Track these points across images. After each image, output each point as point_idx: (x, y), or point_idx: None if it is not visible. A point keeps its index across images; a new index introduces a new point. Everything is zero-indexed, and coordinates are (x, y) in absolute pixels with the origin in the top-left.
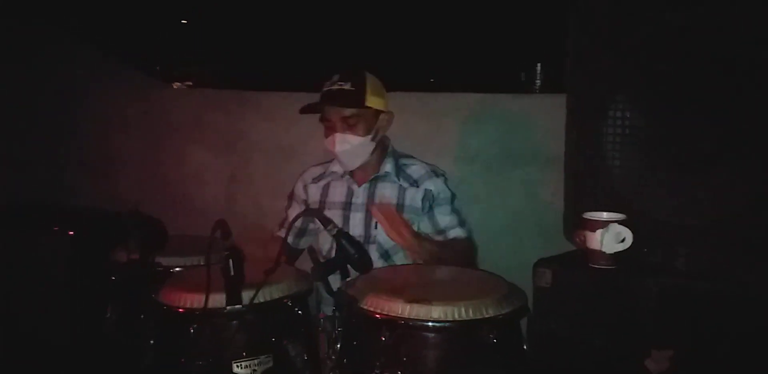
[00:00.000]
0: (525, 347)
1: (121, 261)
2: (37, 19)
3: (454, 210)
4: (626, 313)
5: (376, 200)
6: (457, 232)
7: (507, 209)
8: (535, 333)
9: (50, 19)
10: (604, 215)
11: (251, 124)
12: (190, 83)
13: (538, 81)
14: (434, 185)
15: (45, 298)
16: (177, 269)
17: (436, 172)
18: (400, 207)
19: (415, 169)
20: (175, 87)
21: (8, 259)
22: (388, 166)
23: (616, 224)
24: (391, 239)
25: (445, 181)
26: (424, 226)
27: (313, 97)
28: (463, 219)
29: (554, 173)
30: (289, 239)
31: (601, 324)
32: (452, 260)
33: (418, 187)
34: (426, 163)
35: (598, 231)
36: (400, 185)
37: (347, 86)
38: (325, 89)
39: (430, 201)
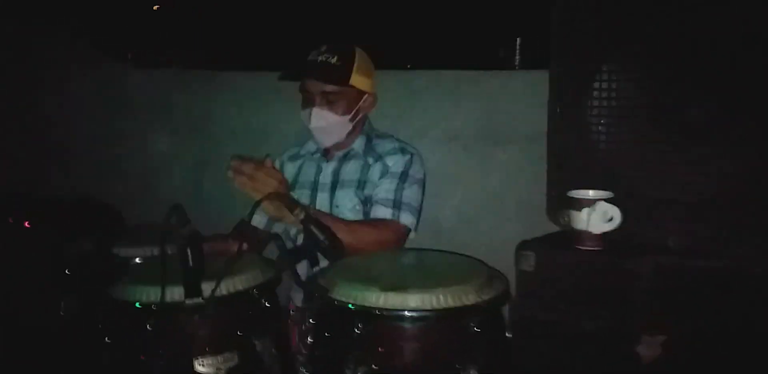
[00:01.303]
0: (508, 335)
1: (75, 253)
2: None
3: (397, 189)
4: (616, 296)
5: (340, 178)
6: (381, 212)
7: (487, 190)
8: (519, 319)
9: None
10: (590, 193)
11: (221, 106)
12: (155, 63)
13: (517, 56)
14: (393, 160)
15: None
16: (137, 260)
17: (404, 150)
18: (361, 183)
19: (384, 145)
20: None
21: None
22: (357, 143)
23: (603, 202)
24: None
25: (411, 160)
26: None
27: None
28: (403, 202)
29: (535, 152)
30: (260, 222)
31: (589, 308)
32: (359, 244)
33: (381, 161)
34: (400, 142)
35: (584, 211)
36: (366, 161)
37: (333, 60)
38: (310, 59)
39: (382, 175)
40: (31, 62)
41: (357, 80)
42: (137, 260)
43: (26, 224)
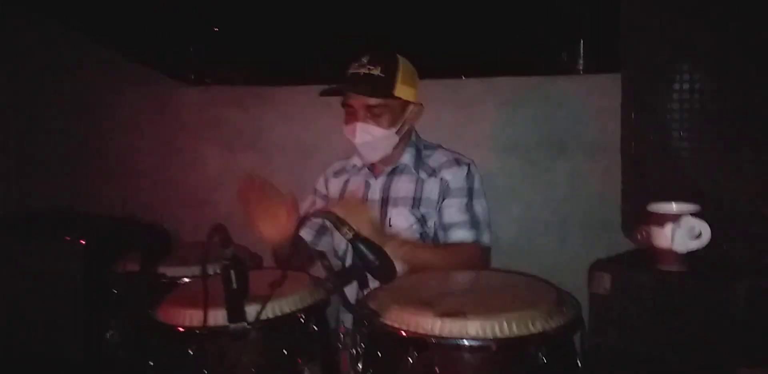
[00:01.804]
0: (580, 366)
1: (121, 273)
2: (46, 18)
3: (468, 208)
4: (705, 324)
5: (391, 194)
6: (460, 235)
7: (550, 204)
8: (592, 349)
9: (59, 18)
10: (674, 207)
11: (269, 121)
12: (205, 80)
13: (580, 60)
14: (451, 174)
15: (55, 311)
16: (185, 280)
17: (459, 161)
18: (416, 200)
19: (436, 158)
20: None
21: (19, 269)
22: (406, 157)
23: (689, 217)
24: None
25: (469, 171)
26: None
27: None
28: (479, 221)
29: (602, 162)
30: (307, 238)
31: (673, 338)
32: (438, 266)
33: (435, 176)
34: (451, 152)
35: (668, 226)
36: (419, 177)
37: (376, 71)
38: (352, 72)
39: (444, 193)
40: (86, 81)
41: (402, 91)
42: (185, 280)
43: (82, 241)
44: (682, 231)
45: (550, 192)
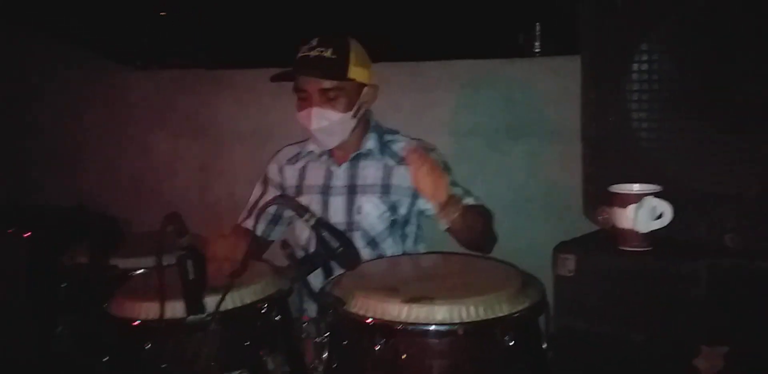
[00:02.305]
0: (545, 348)
1: (69, 265)
2: None
3: (453, 183)
4: (668, 303)
5: (358, 181)
6: (468, 201)
7: (510, 187)
8: (558, 331)
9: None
10: (636, 187)
11: (222, 106)
12: (153, 64)
13: (537, 43)
14: None
15: (1, 307)
16: (140, 271)
17: (426, 148)
18: (385, 187)
19: (402, 146)
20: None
21: None
22: (370, 143)
23: (651, 197)
24: (426, 198)
25: (437, 156)
26: (427, 205)
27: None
28: (466, 189)
29: (562, 145)
30: (258, 229)
31: (638, 317)
32: (479, 224)
33: (406, 166)
34: (412, 139)
35: (630, 207)
36: (385, 163)
37: (328, 53)
38: (301, 55)
39: None
40: (28, 66)
41: (356, 72)
42: (138, 272)
43: (25, 235)
44: (644, 212)
45: (511, 176)
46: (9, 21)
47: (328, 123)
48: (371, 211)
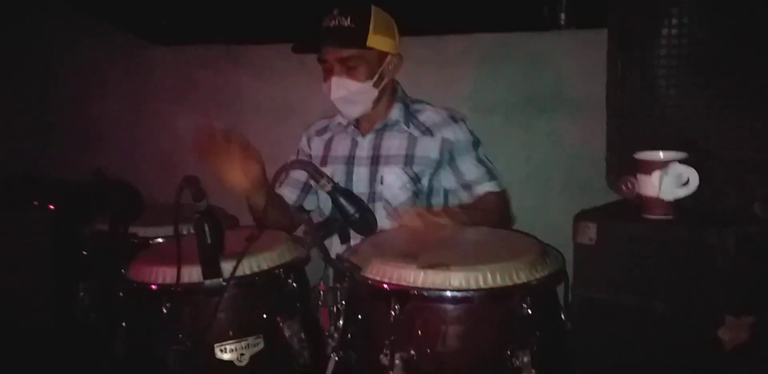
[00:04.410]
0: (563, 318)
1: (90, 233)
2: None
3: (480, 160)
4: (693, 273)
5: (383, 152)
6: (486, 187)
7: (531, 162)
8: (577, 300)
9: None
10: (662, 154)
11: (244, 82)
12: (176, 40)
13: (562, 15)
14: (452, 132)
15: (26, 276)
16: (159, 240)
17: (454, 118)
18: (409, 158)
19: (429, 116)
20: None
21: None
22: (395, 113)
23: (677, 164)
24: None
25: (466, 125)
26: (447, 180)
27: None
28: (492, 168)
29: (583, 120)
30: (291, 197)
31: (660, 287)
32: (484, 222)
33: (432, 135)
34: (442, 108)
35: (655, 174)
36: (410, 134)
37: (347, 22)
38: (323, 25)
39: (450, 152)
40: (50, 40)
41: (375, 41)
42: (159, 240)
43: (50, 206)
44: (670, 179)
45: (532, 151)
46: None
47: (347, 92)
48: (393, 182)
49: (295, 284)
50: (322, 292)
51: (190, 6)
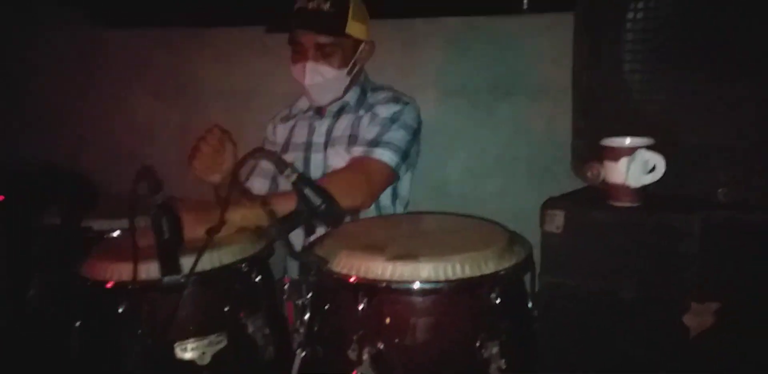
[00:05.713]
0: (530, 306)
1: (41, 227)
2: None
3: (382, 133)
4: (659, 259)
5: (333, 135)
6: (374, 153)
7: (496, 147)
8: (545, 289)
9: None
10: (628, 140)
11: (202, 65)
12: (130, 21)
13: None
14: (384, 109)
15: None
16: (115, 233)
17: (397, 99)
18: (353, 138)
19: (377, 97)
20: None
21: None
22: (350, 96)
23: (643, 150)
24: None
25: (403, 109)
26: None
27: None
28: (384, 143)
29: (548, 104)
30: (262, 188)
31: (627, 274)
32: (344, 186)
33: (372, 113)
34: (397, 92)
35: (622, 161)
36: (357, 115)
37: (326, 7)
38: (299, 6)
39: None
40: None
41: (353, 28)
42: (114, 234)
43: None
44: (636, 165)
45: (496, 135)
46: None
47: (322, 79)
48: (337, 164)
49: (258, 278)
50: (286, 286)
51: None
